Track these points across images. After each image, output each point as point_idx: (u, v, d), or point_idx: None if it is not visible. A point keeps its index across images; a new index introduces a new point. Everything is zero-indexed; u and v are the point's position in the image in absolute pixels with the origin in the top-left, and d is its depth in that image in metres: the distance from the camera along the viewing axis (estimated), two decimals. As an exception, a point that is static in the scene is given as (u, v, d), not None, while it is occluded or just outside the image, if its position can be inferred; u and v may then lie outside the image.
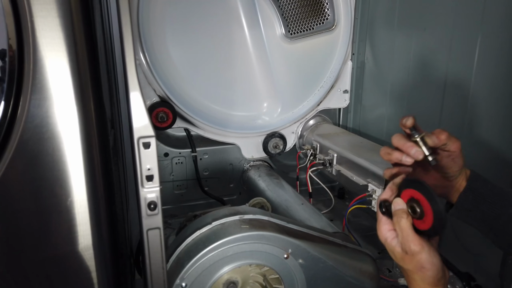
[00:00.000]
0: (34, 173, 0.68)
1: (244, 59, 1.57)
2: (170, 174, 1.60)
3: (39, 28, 0.63)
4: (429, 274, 0.65)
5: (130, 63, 0.70)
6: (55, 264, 0.75)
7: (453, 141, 0.73)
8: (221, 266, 0.90)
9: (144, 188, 0.71)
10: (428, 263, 0.65)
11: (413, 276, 0.67)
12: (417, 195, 0.67)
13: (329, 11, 1.60)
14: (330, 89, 1.71)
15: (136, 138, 0.70)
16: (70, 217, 0.73)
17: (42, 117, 0.66)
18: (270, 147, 1.67)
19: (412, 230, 0.66)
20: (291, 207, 1.32)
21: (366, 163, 1.29)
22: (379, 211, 0.72)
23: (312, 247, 0.96)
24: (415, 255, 0.65)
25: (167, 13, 1.42)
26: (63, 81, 0.67)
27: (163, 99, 1.48)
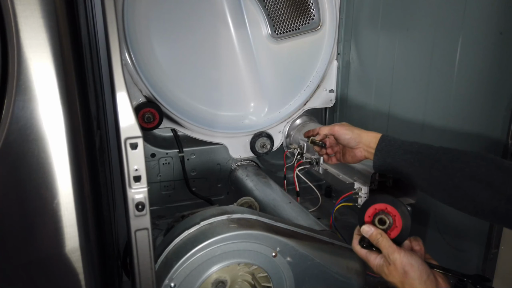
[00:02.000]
0: (19, 175, 0.67)
1: (231, 59, 1.57)
2: (157, 174, 1.59)
3: (23, 29, 0.63)
4: (413, 276, 0.71)
5: (116, 63, 0.70)
6: (41, 266, 0.75)
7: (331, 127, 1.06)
8: (209, 265, 0.90)
9: (132, 189, 0.71)
10: (408, 265, 0.72)
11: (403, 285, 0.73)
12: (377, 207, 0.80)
13: (315, 11, 1.61)
14: (316, 89, 1.72)
15: (123, 139, 0.69)
16: (56, 219, 0.72)
17: (27, 118, 0.65)
18: (258, 146, 1.68)
19: (390, 243, 0.75)
20: (278, 206, 1.33)
21: (352, 161, 1.30)
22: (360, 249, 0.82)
23: (299, 245, 0.97)
24: (396, 261, 0.73)
25: (153, 13, 1.41)
26: (48, 82, 0.66)
27: (149, 100, 1.47)
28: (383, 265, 0.77)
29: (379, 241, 0.77)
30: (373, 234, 0.78)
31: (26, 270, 0.74)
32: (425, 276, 0.72)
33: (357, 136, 1.00)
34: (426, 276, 0.72)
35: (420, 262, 0.73)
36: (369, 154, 0.99)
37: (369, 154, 0.99)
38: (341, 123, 1.06)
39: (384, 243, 0.76)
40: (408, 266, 0.72)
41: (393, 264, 0.74)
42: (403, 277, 0.73)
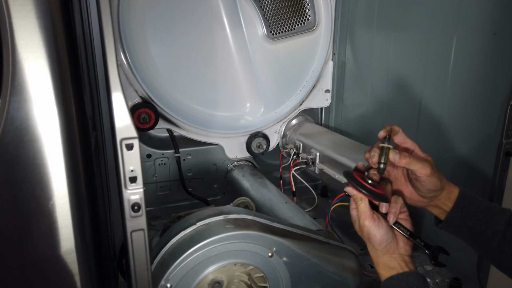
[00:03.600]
0: (14, 176, 0.67)
1: (227, 60, 1.57)
2: (153, 175, 1.59)
3: (17, 29, 0.62)
4: (374, 244, 0.79)
5: (112, 63, 0.69)
6: (37, 268, 0.74)
7: (421, 167, 0.76)
8: (206, 266, 0.90)
9: (128, 190, 0.71)
10: (373, 234, 0.79)
11: (368, 246, 0.82)
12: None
13: (310, 11, 1.61)
14: (312, 89, 1.72)
15: (118, 140, 0.69)
16: (52, 220, 0.71)
17: (22, 119, 0.65)
18: (254, 147, 1.68)
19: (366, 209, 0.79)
20: (275, 206, 1.33)
21: (348, 161, 1.31)
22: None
23: (296, 245, 0.97)
24: (364, 227, 0.80)
25: (148, 13, 1.41)
26: (43, 83, 0.66)
27: (145, 100, 1.47)
28: (356, 222, 0.83)
29: (357, 203, 0.80)
30: (354, 196, 0.81)
31: (21, 272, 0.73)
32: (384, 244, 0.79)
33: (440, 189, 0.80)
34: (385, 244, 0.79)
35: (383, 233, 0.78)
36: (435, 210, 0.83)
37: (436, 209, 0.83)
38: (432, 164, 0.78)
39: (361, 207, 0.80)
40: (372, 234, 0.79)
41: (362, 227, 0.80)
42: (367, 240, 0.81)
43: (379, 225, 0.79)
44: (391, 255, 0.80)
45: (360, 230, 0.82)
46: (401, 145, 0.82)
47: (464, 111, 1.19)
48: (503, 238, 0.78)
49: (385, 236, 0.79)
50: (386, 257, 0.80)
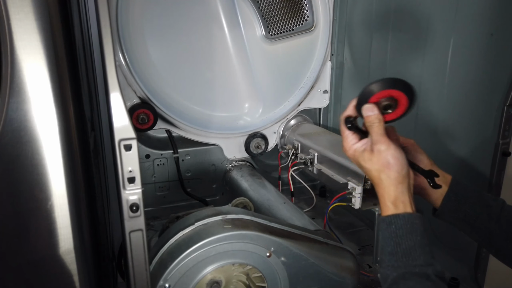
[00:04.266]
0: (13, 176, 0.67)
1: (225, 60, 1.58)
2: (151, 175, 1.59)
3: (16, 30, 0.63)
4: (395, 169, 0.72)
5: (110, 64, 0.70)
6: (36, 268, 0.75)
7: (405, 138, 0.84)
8: (204, 266, 0.91)
9: (126, 190, 0.71)
10: (393, 157, 0.72)
11: (380, 177, 0.73)
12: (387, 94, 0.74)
13: (308, 12, 1.62)
14: (310, 90, 1.73)
15: (117, 140, 0.69)
16: (50, 220, 0.72)
17: (20, 120, 0.65)
18: (252, 147, 1.68)
19: (383, 132, 0.73)
20: (273, 206, 1.33)
21: (346, 161, 1.31)
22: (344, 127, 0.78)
23: (294, 245, 0.98)
24: (382, 152, 0.72)
25: (147, 14, 1.41)
26: (42, 84, 0.66)
27: (143, 101, 1.47)
28: (364, 151, 0.75)
29: (374, 126, 0.74)
30: (372, 116, 0.74)
31: (20, 272, 0.74)
32: (406, 169, 0.73)
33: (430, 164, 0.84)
34: (406, 169, 0.73)
35: (404, 156, 0.73)
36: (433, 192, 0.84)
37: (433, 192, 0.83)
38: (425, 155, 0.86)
39: (378, 130, 0.73)
40: (393, 159, 0.72)
41: (378, 154, 0.73)
42: (383, 167, 0.72)
43: (399, 148, 0.73)
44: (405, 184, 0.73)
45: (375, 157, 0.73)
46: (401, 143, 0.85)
47: (461, 112, 1.20)
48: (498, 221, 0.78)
49: (405, 159, 0.73)
50: (401, 187, 0.72)
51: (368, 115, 0.75)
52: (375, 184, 0.75)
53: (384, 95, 0.75)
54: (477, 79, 1.14)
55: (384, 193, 0.73)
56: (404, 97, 0.75)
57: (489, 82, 1.10)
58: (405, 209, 0.71)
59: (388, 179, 0.72)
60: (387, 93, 0.75)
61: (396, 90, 0.74)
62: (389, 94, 0.75)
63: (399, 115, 0.76)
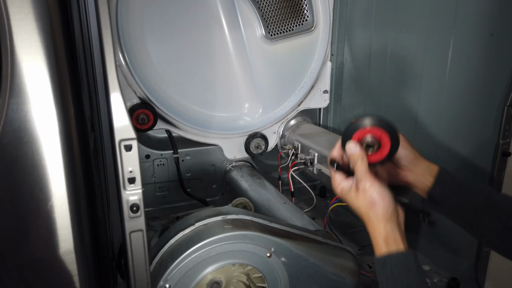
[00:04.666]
0: (13, 177, 0.67)
1: (225, 60, 1.58)
2: (151, 176, 1.59)
3: (16, 31, 0.62)
4: (381, 207, 0.71)
5: (110, 64, 0.70)
6: (36, 269, 0.74)
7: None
8: (204, 266, 0.91)
9: (126, 191, 0.71)
10: (378, 195, 0.71)
11: (369, 214, 0.73)
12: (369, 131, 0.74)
13: (308, 12, 1.62)
14: (310, 90, 1.73)
15: (117, 141, 0.69)
16: (50, 221, 0.72)
17: (20, 121, 0.65)
18: (252, 147, 1.68)
19: (367, 169, 0.73)
20: (273, 206, 1.33)
21: (346, 161, 1.31)
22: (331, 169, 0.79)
23: (294, 246, 0.98)
24: (367, 190, 0.72)
25: (146, 14, 1.41)
26: (42, 84, 0.66)
27: (143, 101, 1.47)
28: (351, 190, 0.75)
29: (358, 164, 0.74)
30: (355, 154, 0.74)
31: (20, 272, 0.74)
32: (392, 207, 0.72)
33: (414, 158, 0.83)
34: (392, 208, 0.72)
35: (389, 194, 0.72)
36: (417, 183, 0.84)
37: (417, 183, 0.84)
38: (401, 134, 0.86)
39: (361, 168, 0.73)
40: (378, 197, 0.71)
41: (363, 192, 0.72)
42: (369, 206, 0.72)
43: (384, 186, 0.72)
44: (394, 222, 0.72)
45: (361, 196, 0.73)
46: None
47: (461, 112, 1.20)
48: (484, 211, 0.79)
49: (391, 198, 0.72)
50: (390, 224, 0.72)
51: (351, 153, 0.75)
52: (365, 222, 0.75)
53: (365, 132, 0.75)
54: (477, 79, 1.14)
55: (374, 231, 0.73)
56: (386, 137, 0.74)
57: (489, 82, 1.10)
58: (397, 246, 0.71)
59: (376, 217, 0.72)
60: (368, 131, 0.75)
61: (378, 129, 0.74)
62: (370, 132, 0.75)
63: (384, 156, 0.75)
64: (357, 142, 0.75)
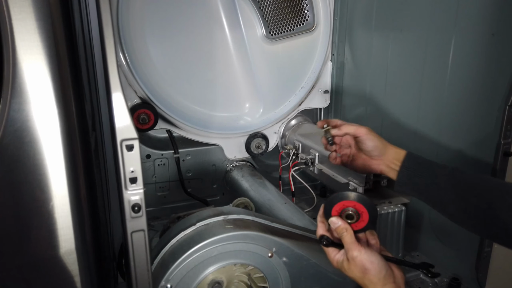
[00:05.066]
0: (15, 177, 0.67)
1: (226, 60, 1.58)
2: (152, 176, 1.59)
3: (17, 31, 0.62)
4: (373, 273, 0.74)
5: (112, 64, 0.70)
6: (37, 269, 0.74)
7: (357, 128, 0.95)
8: (206, 266, 0.91)
9: (128, 191, 0.71)
10: (368, 262, 0.74)
11: (364, 282, 0.75)
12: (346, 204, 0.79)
13: (309, 12, 1.62)
14: (311, 89, 1.73)
15: (119, 141, 0.69)
16: (52, 221, 0.72)
17: (22, 121, 0.65)
18: (253, 147, 1.68)
19: (353, 239, 0.77)
20: (274, 206, 1.33)
21: (347, 161, 1.31)
22: (323, 246, 0.82)
23: (295, 245, 0.98)
24: (356, 259, 0.75)
25: (147, 13, 1.41)
26: (44, 85, 0.66)
27: (144, 101, 1.47)
28: (343, 261, 0.78)
29: (343, 235, 0.77)
30: (339, 227, 0.78)
31: (22, 272, 0.73)
32: (384, 271, 0.74)
33: (383, 147, 0.92)
34: (384, 271, 0.74)
35: (379, 258, 0.75)
36: (388, 170, 0.92)
37: (388, 169, 0.92)
38: (367, 127, 0.96)
39: (347, 239, 0.77)
40: (368, 263, 0.74)
41: (353, 261, 0.75)
42: (363, 273, 0.75)
43: (371, 252, 0.76)
44: (392, 284, 0.75)
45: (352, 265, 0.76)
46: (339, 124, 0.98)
47: (462, 112, 1.20)
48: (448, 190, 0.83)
49: (382, 261, 0.75)
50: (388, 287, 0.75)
51: (335, 227, 0.79)
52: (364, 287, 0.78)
53: (342, 206, 0.80)
54: (478, 79, 1.14)
55: None
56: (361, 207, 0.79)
57: (490, 82, 1.10)
58: None
59: (371, 283, 0.75)
60: (343, 204, 0.80)
61: (351, 202, 0.79)
62: (346, 205, 0.80)
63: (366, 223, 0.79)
64: (337, 216, 0.79)
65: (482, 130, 1.13)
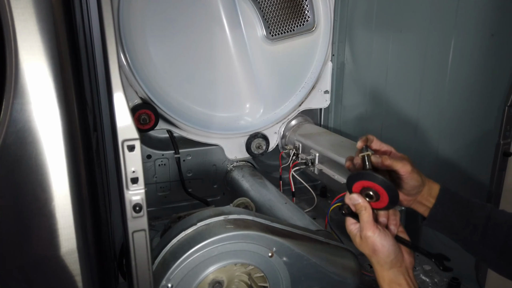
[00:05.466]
0: (17, 177, 0.67)
1: (226, 60, 1.58)
2: (153, 176, 1.60)
3: (20, 32, 0.63)
4: (381, 256, 0.75)
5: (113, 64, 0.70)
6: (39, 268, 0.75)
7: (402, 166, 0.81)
8: (206, 266, 0.91)
9: (129, 191, 0.71)
10: (379, 244, 0.75)
11: (371, 260, 0.78)
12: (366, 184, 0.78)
13: (309, 13, 1.62)
14: (311, 90, 1.73)
15: (120, 141, 0.70)
16: (54, 221, 0.72)
17: (24, 121, 0.65)
18: (253, 147, 1.69)
19: (370, 219, 0.76)
20: (274, 206, 1.33)
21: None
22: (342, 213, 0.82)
23: (295, 245, 0.98)
24: (368, 238, 0.76)
25: (148, 14, 1.42)
26: (46, 85, 0.66)
27: (145, 101, 1.47)
28: (356, 235, 0.79)
29: (361, 213, 0.77)
30: (359, 204, 0.78)
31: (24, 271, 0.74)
32: (393, 255, 0.75)
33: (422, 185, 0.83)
34: (393, 256, 0.75)
35: (390, 243, 0.75)
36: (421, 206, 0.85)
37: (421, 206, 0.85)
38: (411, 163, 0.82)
39: (365, 217, 0.77)
40: (378, 245, 0.75)
41: (365, 239, 0.76)
42: (371, 253, 0.76)
43: (385, 235, 0.76)
44: (398, 268, 0.76)
45: (364, 243, 0.77)
46: (380, 150, 0.86)
47: (462, 112, 1.20)
48: (485, 231, 0.80)
49: (393, 246, 0.76)
50: (394, 271, 0.76)
51: (354, 203, 0.79)
52: (372, 265, 0.79)
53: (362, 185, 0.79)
54: (478, 80, 1.14)
55: (378, 276, 0.78)
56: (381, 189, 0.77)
57: (489, 82, 1.11)
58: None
59: (378, 263, 0.76)
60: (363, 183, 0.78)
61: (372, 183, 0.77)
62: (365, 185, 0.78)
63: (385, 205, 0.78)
64: (359, 194, 0.78)
65: (482, 130, 1.14)
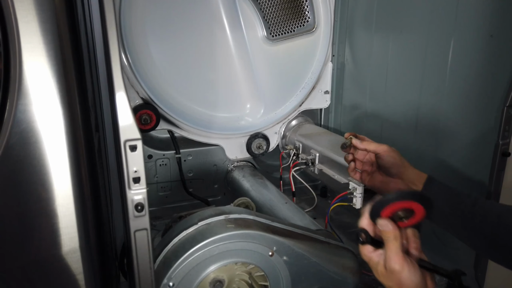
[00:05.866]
0: (20, 177, 0.68)
1: (227, 61, 1.59)
2: (154, 176, 1.60)
3: (23, 33, 0.64)
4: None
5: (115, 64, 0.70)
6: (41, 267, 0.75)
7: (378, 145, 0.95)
8: (207, 265, 0.92)
9: (131, 190, 0.72)
10: (408, 281, 0.67)
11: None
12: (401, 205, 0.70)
13: (309, 13, 1.63)
14: (311, 90, 1.74)
15: (122, 141, 0.70)
16: (56, 220, 0.73)
17: (28, 122, 0.66)
18: (254, 147, 1.69)
19: (399, 250, 0.68)
20: (275, 206, 1.34)
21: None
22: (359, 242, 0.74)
23: (296, 245, 0.98)
24: (396, 273, 0.67)
25: (149, 14, 1.42)
26: (49, 86, 0.67)
27: (146, 101, 1.48)
28: (379, 264, 0.71)
29: (389, 242, 0.69)
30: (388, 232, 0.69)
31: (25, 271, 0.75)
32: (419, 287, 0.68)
33: (402, 165, 0.91)
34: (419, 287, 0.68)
35: (418, 276, 0.68)
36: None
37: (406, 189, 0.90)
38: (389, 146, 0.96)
39: (394, 248, 0.68)
40: (407, 282, 0.67)
41: (391, 272, 0.68)
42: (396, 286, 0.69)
43: (414, 268, 0.68)
44: None
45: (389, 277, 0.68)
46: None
47: (461, 112, 1.21)
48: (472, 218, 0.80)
49: (420, 278, 0.68)
50: None
51: (384, 230, 0.70)
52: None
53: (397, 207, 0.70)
54: (477, 80, 1.15)
55: None
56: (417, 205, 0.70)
57: (489, 83, 1.11)
58: None
59: None
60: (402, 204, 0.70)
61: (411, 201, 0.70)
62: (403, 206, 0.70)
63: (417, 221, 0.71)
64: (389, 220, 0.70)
65: (481, 130, 1.14)
